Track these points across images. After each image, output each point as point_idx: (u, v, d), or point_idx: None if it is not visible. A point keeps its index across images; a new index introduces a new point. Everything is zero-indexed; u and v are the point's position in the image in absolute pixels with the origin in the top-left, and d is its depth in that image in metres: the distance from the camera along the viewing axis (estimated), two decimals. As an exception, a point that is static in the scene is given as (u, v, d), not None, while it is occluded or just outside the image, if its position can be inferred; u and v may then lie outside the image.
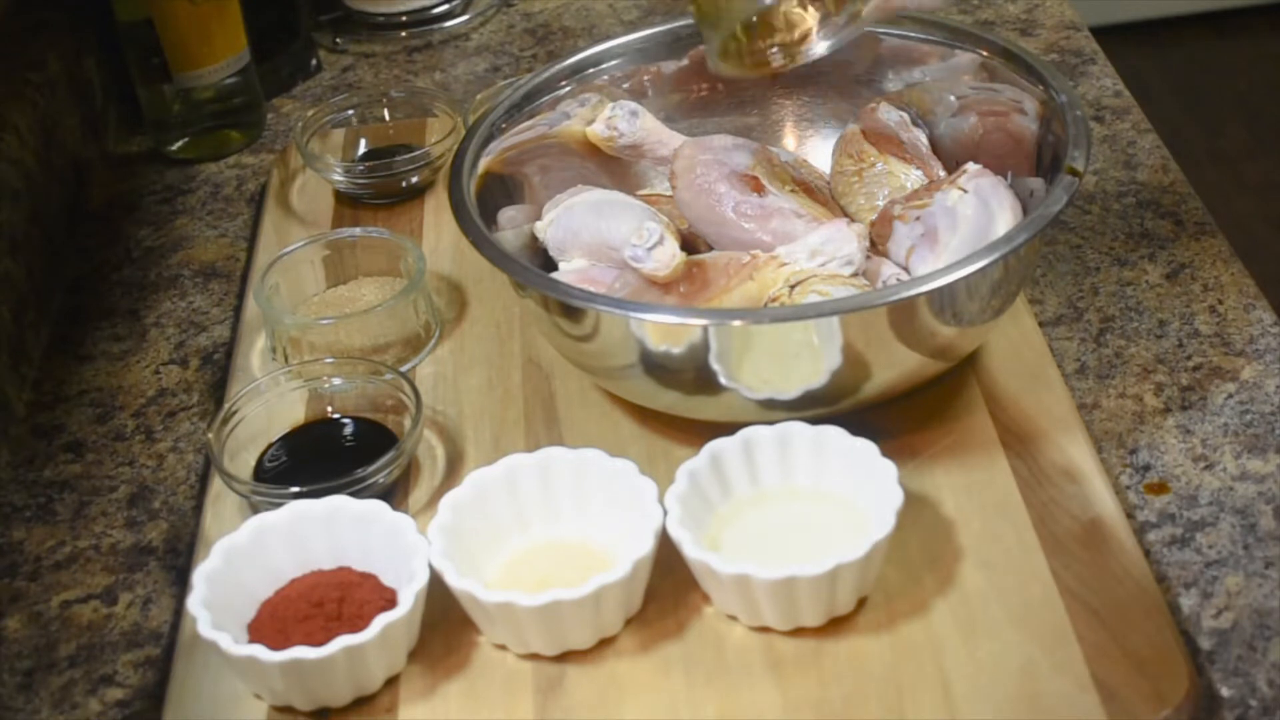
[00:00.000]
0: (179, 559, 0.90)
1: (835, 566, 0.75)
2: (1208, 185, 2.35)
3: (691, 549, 0.78)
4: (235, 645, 0.76)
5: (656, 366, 0.85)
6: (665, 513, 0.80)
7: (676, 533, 0.78)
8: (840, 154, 0.99)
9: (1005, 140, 0.96)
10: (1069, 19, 1.31)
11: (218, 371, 1.03)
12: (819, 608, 0.78)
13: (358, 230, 1.06)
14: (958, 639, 0.77)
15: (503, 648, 0.80)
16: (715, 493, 0.83)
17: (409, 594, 0.77)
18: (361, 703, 0.78)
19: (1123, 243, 1.05)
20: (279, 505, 0.83)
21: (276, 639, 0.77)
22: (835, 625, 0.79)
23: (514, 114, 0.99)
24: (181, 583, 0.88)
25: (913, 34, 1.01)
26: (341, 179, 1.15)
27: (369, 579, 0.81)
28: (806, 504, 0.83)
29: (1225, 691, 0.76)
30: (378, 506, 0.82)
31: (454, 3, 1.41)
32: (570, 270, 0.94)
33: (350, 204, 1.16)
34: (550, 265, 0.96)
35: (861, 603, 0.80)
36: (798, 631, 0.78)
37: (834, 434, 0.83)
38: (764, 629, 0.79)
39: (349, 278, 1.05)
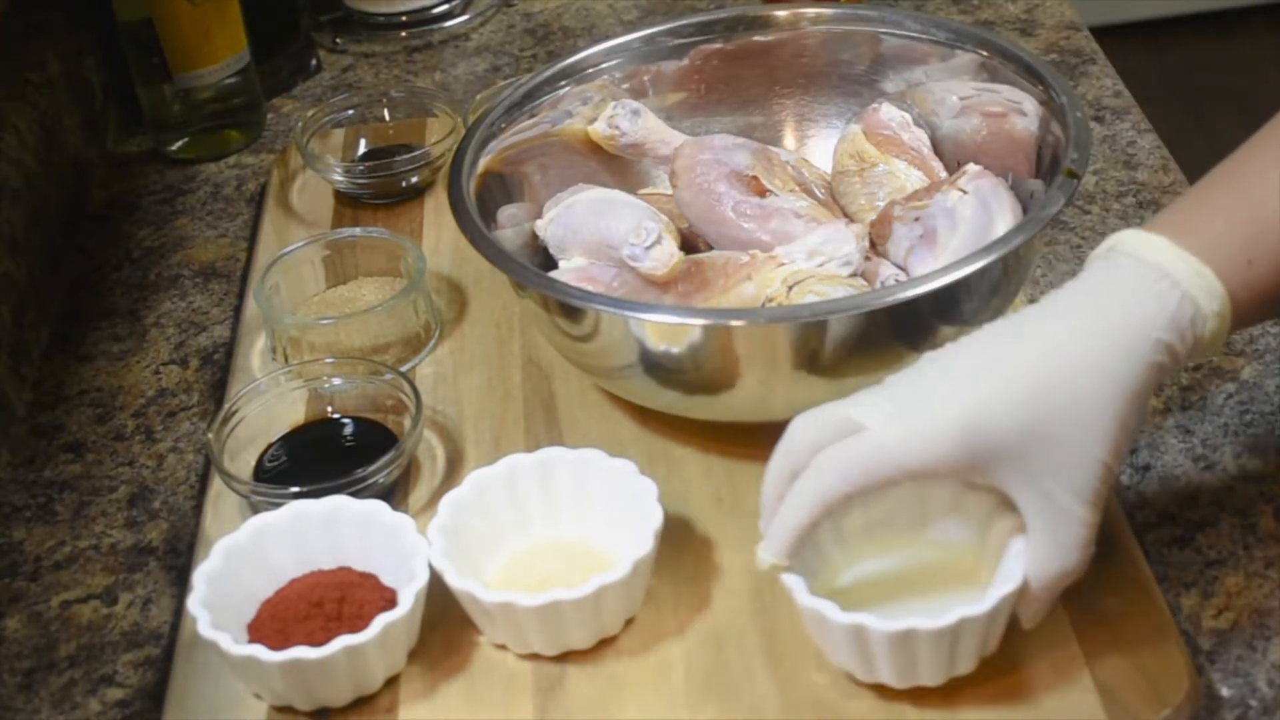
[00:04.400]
0: (179, 559, 0.90)
1: (959, 620, 0.71)
2: (1208, 185, 2.33)
3: (804, 597, 0.74)
4: (235, 645, 0.76)
5: (656, 366, 0.86)
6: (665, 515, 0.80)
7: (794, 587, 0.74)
8: (841, 154, 0.99)
9: (1006, 141, 0.96)
10: (1069, 19, 1.31)
11: (218, 371, 1.03)
12: (938, 666, 0.73)
13: (358, 230, 1.06)
14: (958, 639, 0.77)
15: (503, 648, 0.80)
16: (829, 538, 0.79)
17: (409, 594, 0.77)
18: (361, 703, 0.78)
19: (1123, 243, 1.05)
20: (279, 505, 0.83)
21: (276, 639, 0.77)
22: (835, 625, 0.79)
23: (514, 114, 0.99)
24: (181, 583, 0.88)
25: (913, 34, 1.01)
26: (341, 179, 1.15)
27: (369, 579, 0.81)
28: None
29: (1225, 691, 0.76)
30: (378, 506, 0.82)
31: (454, 3, 1.41)
32: (569, 269, 0.94)
33: (350, 204, 1.16)
34: (551, 264, 0.96)
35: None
36: (798, 631, 0.78)
37: None
38: (764, 628, 0.79)
39: (349, 278, 1.05)
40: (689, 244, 0.94)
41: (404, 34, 1.39)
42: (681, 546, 0.84)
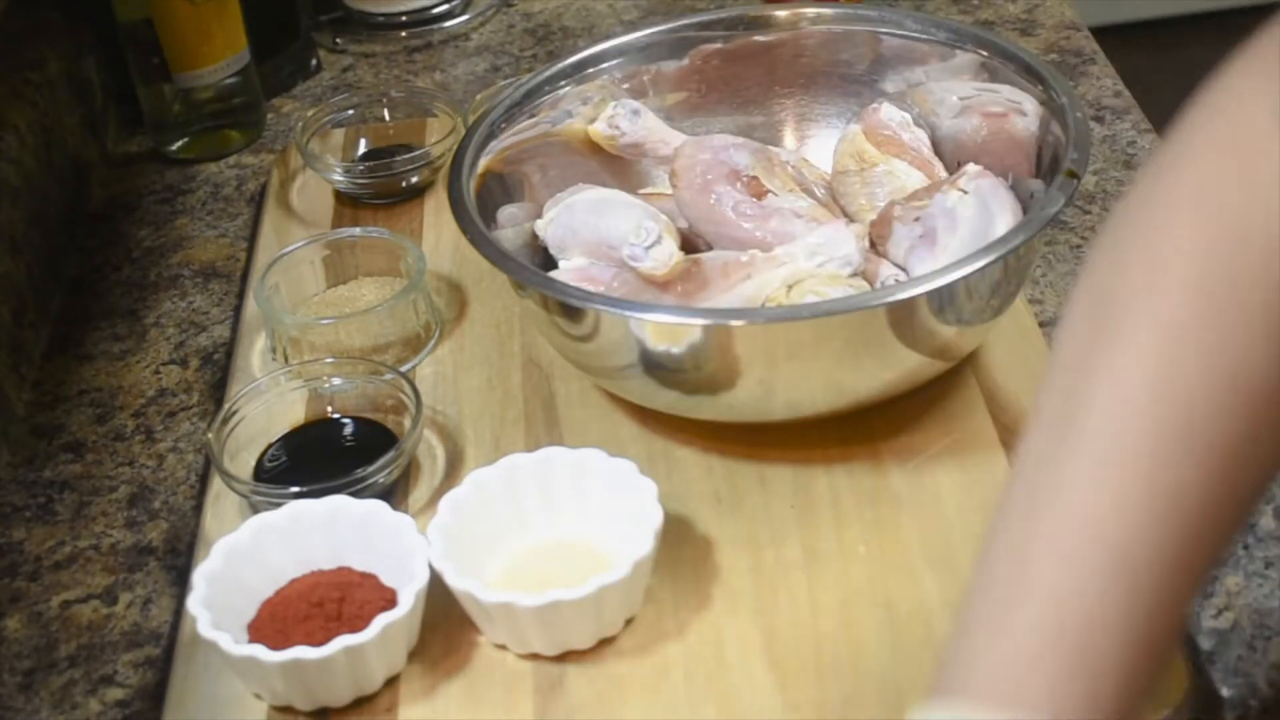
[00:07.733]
0: (179, 559, 0.90)
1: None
2: (1208, 185, 2.33)
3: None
4: (235, 645, 0.76)
5: (656, 366, 0.85)
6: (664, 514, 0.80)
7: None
8: (842, 154, 0.99)
9: (1006, 141, 0.96)
10: (1069, 19, 1.31)
11: (218, 371, 1.03)
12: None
13: (358, 230, 1.06)
14: (958, 639, 0.77)
15: (503, 648, 0.80)
16: None
17: (409, 594, 0.77)
18: (361, 703, 0.78)
19: (1123, 243, 1.05)
20: (279, 505, 0.83)
21: (276, 639, 0.77)
22: (835, 625, 0.79)
23: (514, 114, 0.99)
24: (181, 583, 0.88)
25: (913, 34, 1.01)
26: (341, 179, 1.15)
27: (369, 579, 0.81)
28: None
29: (1225, 691, 0.76)
30: (378, 506, 0.82)
31: (454, 3, 1.41)
32: (569, 269, 0.94)
33: (350, 204, 1.16)
34: (551, 264, 0.96)
35: (863, 602, 0.79)
36: (798, 631, 0.78)
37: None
38: (764, 628, 0.79)
39: (349, 278, 1.05)
40: (689, 244, 0.94)
41: (404, 34, 1.39)
42: (681, 546, 0.84)
